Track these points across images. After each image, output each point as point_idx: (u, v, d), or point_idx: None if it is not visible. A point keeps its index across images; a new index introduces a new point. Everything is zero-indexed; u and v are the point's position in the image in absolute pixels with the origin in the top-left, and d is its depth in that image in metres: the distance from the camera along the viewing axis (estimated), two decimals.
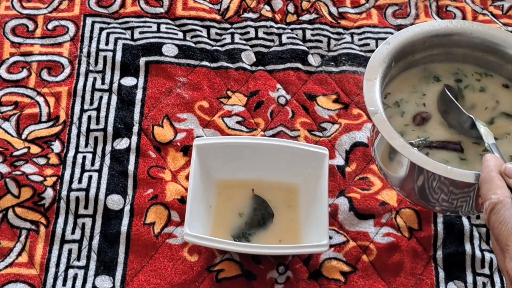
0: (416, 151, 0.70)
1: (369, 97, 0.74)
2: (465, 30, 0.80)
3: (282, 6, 1.02)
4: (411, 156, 0.70)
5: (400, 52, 0.78)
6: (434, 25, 0.80)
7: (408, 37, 0.79)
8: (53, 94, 0.94)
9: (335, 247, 0.83)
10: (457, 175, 0.69)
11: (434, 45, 0.80)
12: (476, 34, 0.79)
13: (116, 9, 1.01)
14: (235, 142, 0.85)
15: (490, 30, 0.79)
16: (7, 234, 0.83)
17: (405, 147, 0.70)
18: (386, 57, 0.77)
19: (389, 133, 0.71)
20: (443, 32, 0.80)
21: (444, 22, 0.81)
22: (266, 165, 0.85)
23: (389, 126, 0.72)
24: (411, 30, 0.79)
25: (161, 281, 0.81)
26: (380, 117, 0.72)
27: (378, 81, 0.75)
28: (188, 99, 0.93)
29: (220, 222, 0.82)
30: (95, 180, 0.87)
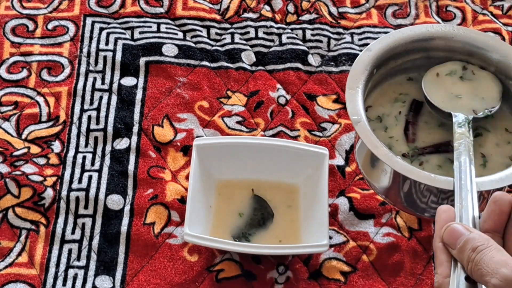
0: (399, 159, 0.70)
1: (352, 106, 0.74)
2: (446, 34, 0.79)
3: (282, 6, 1.02)
4: (395, 166, 0.70)
5: (382, 59, 0.78)
6: (415, 30, 0.80)
7: (389, 43, 0.78)
8: (53, 94, 0.94)
9: (335, 247, 0.83)
10: (440, 183, 0.68)
11: (415, 50, 0.79)
12: (458, 38, 0.79)
13: (116, 9, 1.01)
14: (235, 142, 0.85)
15: (472, 34, 0.79)
16: (7, 234, 0.83)
17: (388, 156, 0.70)
18: (367, 64, 0.76)
19: (372, 142, 0.71)
20: (424, 36, 0.79)
21: (425, 27, 0.80)
22: (266, 165, 0.85)
23: (372, 135, 0.71)
24: (392, 36, 0.79)
25: (161, 281, 0.81)
26: (363, 126, 0.72)
27: (360, 90, 0.75)
28: (188, 99, 0.93)
29: (220, 222, 0.82)
30: (95, 180, 0.87)
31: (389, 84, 0.81)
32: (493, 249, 0.55)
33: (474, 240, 0.56)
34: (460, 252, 0.57)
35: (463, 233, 0.57)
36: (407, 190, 0.74)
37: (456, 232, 0.58)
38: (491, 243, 0.56)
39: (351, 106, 0.74)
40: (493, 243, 0.56)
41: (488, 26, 1.01)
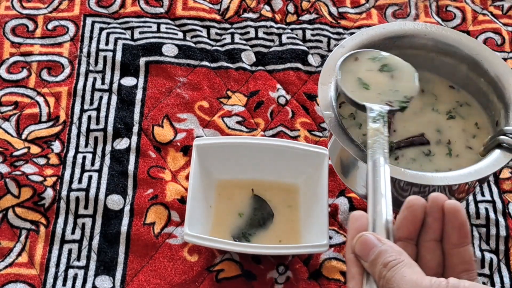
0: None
1: (324, 101, 0.73)
2: (418, 31, 0.80)
3: (282, 6, 1.02)
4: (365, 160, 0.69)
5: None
6: (388, 27, 0.80)
7: (363, 39, 0.78)
8: (53, 94, 0.94)
9: (335, 247, 0.83)
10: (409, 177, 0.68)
11: (388, 47, 0.79)
12: (430, 35, 0.79)
13: (116, 9, 1.01)
14: (235, 142, 0.85)
15: (443, 32, 0.80)
16: (7, 234, 0.83)
17: (358, 151, 0.70)
18: (340, 61, 0.76)
19: (344, 140, 0.71)
20: (397, 34, 0.80)
21: (397, 24, 0.81)
22: (266, 165, 0.85)
23: (344, 129, 0.71)
24: (365, 32, 0.79)
25: (161, 281, 0.81)
26: (334, 121, 0.72)
27: (332, 85, 0.75)
28: (188, 99, 0.93)
29: (220, 222, 0.82)
30: (95, 180, 0.87)
31: None
32: (404, 265, 0.52)
33: (386, 254, 0.53)
34: (372, 265, 0.54)
35: (375, 245, 0.54)
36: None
37: (368, 243, 0.54)
38: (403, 258, 0.53)
39: (323, 101, 0.73)
40: (405, 258, 0.53)
41: (488, 26, 1.01)
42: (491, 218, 0.85)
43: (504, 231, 0.84)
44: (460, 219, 0.56)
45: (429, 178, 0.69)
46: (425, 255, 0.57)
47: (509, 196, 0.87)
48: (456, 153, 0.76)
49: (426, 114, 0.79)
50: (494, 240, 0.84)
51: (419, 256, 0.57)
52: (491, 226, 0.85)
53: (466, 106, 0.79)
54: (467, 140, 0.77)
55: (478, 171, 0.70)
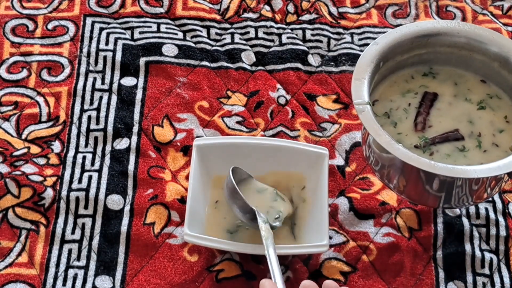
0: (401, 147, 0.72)
1: (357, 96, 0.75)
2: (451, 30, 0.81)
3: (282, 6, 1.02)
4: (396, 152, 0.71)
5: (389, 53, 0.79)
6: (421, 25, 0.81)
7: (396, 37, 0.80)
8: (53, 94, 0.94)
9: (335, 247, 0.83)
10: (438, 170, 0.70)
11: (421, 45, 0.81)
12: (462, 33, 0.81)
13: (116, 9, 1.01)
14: (235, 142, 0.85)
15: (476, 30, 0.81)
16: (7, 234, 0.83)
17: (390, 143, 0.72)
18: (374, 57, 0.78)
19: (375, 130, 0.73)
20: (430, 32, 0.81)
21: (431, 23, 0.82)
22: (266, 165, 0.85)
23: (376, 123, 0.73)
24: (399, 30, 0.81)
25: (161, 281, 0.81)
26: (367, 115, 0.73)
27: (366, 81, 0.76)
28: (188, 99, 0.93)
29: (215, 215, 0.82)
30: (95, 180, 0.87)
31: (397, 77, 0.82)
32: None
33: None
34: None
35: None
36: (413, 178, 0.75)
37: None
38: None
39: (357, 95, 0.75)
40: None
41: (488, 26, 1.01)
42: (491, 218, 0.85)
43: (504, 231, 0.84)
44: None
45: (459, 171, 0.70)
46: None
47: (509, 196, 0.87)
48: (484, 149, 0.77)
49: (459, 105, 0.80)
50: (494, 240, 0.84)
51: None
52: (491, 226, 0.85)
53: (496, 99, 0.80)
54: (494, 135, 0.78)
55: (507, 164, 0.71)
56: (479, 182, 0.74)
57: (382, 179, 0.79)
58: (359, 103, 0.74)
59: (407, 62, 0.82)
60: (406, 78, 0.82)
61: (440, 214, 0.85)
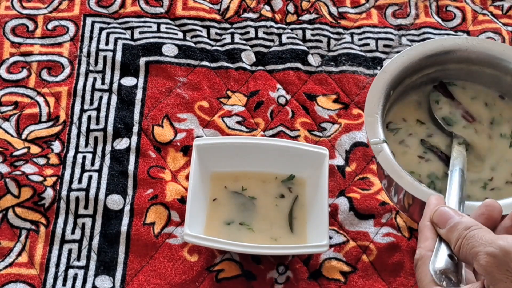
0: (424, 188, 0.70)
1: (372, 134, 0.73)
2: (460, 46, 0.79)
3: (282, 6, 1.02)
4: (418, 194, 0.70)
5: (398, 79, 0.78)
6: (428, 45, 0.80)
7: (404, 61, 0.78)
8: (53, 94, 0.94)
9: (335, 247, 0.83)
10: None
11: (430, 65, 0.80)
12: (472, 49, 0.79)
13: (116, 9, 1.01)
14: (235, 142, 0.85)
15: (485, 44, 0.79)
16: (7, 234, 0.83)
17: (413, 185, 0.71)
18: (384, 87, 0.77)
19: (397, 172, 0.71)
20: (438, 51, 0.79)
21: (438, 41, 0.80)
22: (266, 165, 0.85)
23: (395, 164, 0.72)
24: (406, 54, 0.79)
25: (161, 281, 0.81)
26: (385, 156, 0.72)
27: (379, 116, 0.75)
28: (188, 99, 0.93)
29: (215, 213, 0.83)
30: (95, 180, 0.87)
31: (409, 98, 0.81)
32: (485, 230, 0.58)
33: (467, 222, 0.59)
34: (449, 231, 0.60)
35: (453, 216, 0.60)
36: None
37: (446, 214, 0.61)
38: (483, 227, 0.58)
39: (371, 134, 0.74)
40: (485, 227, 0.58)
41: (488, 26, 1.01)
42: None
43: None
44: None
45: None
46: None
47: None
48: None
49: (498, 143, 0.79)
50: None
51: None
52: None
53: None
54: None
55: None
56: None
57: (390, 198, 0.79)
58: (375, 143, 0.73)
59: (415, 83, 0.81)
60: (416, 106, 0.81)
61: None
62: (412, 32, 1.00)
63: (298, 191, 0.84)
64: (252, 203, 0.84)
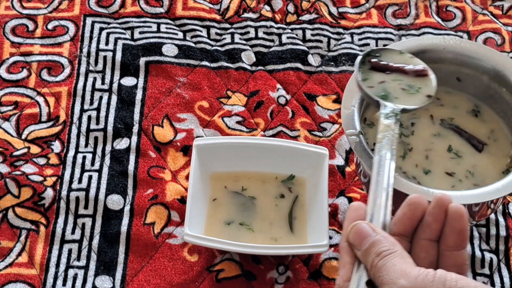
0: (397, 176, 0.70)
1: (348, 126, 0.74)
2: (437, 46, 0.80)
3: (282, 6, 1.02)
4: (399, 187, 0.69)
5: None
6: (407, 44, 0.80)
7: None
8: (53, 94, 0.94)
9: (335, 247, 0.83)
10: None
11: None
12: (449, 48, 0.80)
13: (116, 9, 1.01)
14: (235, 142, 0.85)
15: (462, 44, 0.80)
16: (7, 234, 0.84)
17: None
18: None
19: (369, 164, 0.71)
20: (416, 49, 0.80)
21: (415, 40, 0.81)
22: (266, 165, 0.85)
23: (369, 154, 0.72)
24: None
25: (161, 281, 0.81)
26: (359, 146, 0.72)
27: (356, 109, 0.75)
28: (188, 99, 0.94)
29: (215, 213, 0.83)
30: (95, 180, 0.87)
31: None
32: (397, 255, 0.53)
33: (380, 244, 0.54)
34: (364, 254, 0.55)
35: (369, 234, 0.55)
36: None
37: (362, 233, 0.55)
38: (396, 249, 0.54)
39: (347, 125, 0.74)
40: (398, 249, 0.54)
41: (488, 26, 1.01)
42: (491, 218, 0.85)
43: (504, 231, 0.84)
44: (462, 223, 0.57)
45: (459, 197, 0.69)
46: (419, 253, 0.58)
47: (509, 196, 0.87)
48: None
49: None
50: (494, 240, 0.84)
51: (413, 253, 0.57)
52: (491, 226, 0.85)
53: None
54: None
55: (506, 186, 0.70)
56: (480, 204, 0.72)
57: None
58: (351, 133, 0.73)
59: None
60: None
61: None
62: (412, 32, 1.00)
63: (298, 191, 0.85)
64: (252, 203, 0.84)
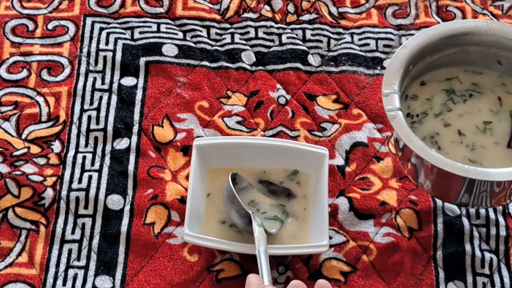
0: (433, 152, 0.72)
1: (388, 102, 0.76)
2: (480, 29, 0.82)
3: (282, 6, 1.02)
4: (429, 158, 0.72)
5: (418, 55, 0.80)
6: (450, 26, 0.82)
7: (424, 39, 0.81)
8: (53, 94, 0.94)
9: (335, 247, 0.83)
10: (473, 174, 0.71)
11: (450, 45, 0.82)
12: (491, 32, 0.81)
13: (116, 9, 1.01)
14: (235, 142, 0.85)
15: (504, 27, 0.81)
16: (7, 234, 0.83)
17: (423, 149, 0.72)
18: (403, 61, 0.79)
19: (408, 136, 0.73)
20: (458, 32, 0.82)
21: (458, 22, 0.83)
22: (265, 165, 0.85)
23: (408, 129, 0.74)
24: (427, 32, 0.81)
25: (161, 281, 0.81)
26: (399, 121, 0.74)
27: (396, 87, 0.77)
28: (188, 99, 0.93)
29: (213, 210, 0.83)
30: (95, 180, 0.87)
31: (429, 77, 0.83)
32: None
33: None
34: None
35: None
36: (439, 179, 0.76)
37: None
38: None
39: (387, 102, 0.76)
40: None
41: None
42: (491, 218, 0.85)
43: (504, 231, 0.84)
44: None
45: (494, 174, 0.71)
46: None
47: None
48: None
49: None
50: (494, 240, 0.84)
51: None
52: (491, 226, 0.85)
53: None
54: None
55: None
56: (502, 184, 0.74)
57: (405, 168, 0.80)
58: (391, 109, 0.75)
59: (436, 63, 0.82)
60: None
61: (440, 214, 0.85)
62: (412, 32, 1.00)
63: (298, 191, 0.84)
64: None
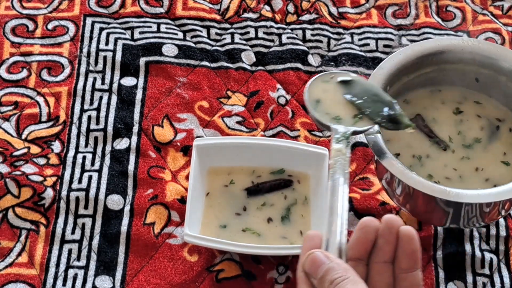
0: (414, 175, 0.71)
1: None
2: (455, 46, 0.81)
3: (282, 6, 1.02)
4: (409, 182, 0.71)
5: (394, 76, 0.79)
6: (425, 45, 0.81)
7: (400, 59, 0.80)
8: (53, 94, 0.94)
9: None
10: (454, 197, 0.69)
11: (426, 64, 0.81)
12: (467, 49, 0.80)
13: (116, 9, 1.01)
14: (235, 142, 0.85)
15: (480, 45, 0.80)
16: (7, 234, 0.84)
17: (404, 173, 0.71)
18: (380, 82, 0.77)
19: (389, 160, 0.72)
20: (434, 51, 0.80)
21: (434, 41, 0.82)
22: (265, 165, 0.85)
23: (387, 152, 0.72)
24: (403, 52, 0.80)
25: (161, 281, 0.81)
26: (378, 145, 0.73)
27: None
28: (188, 99, 0.94)
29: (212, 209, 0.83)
30: (95, 180, 0.87)
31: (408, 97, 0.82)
32: (349, 282, 0.54)
33: (333, 271, 0.54)
34: (320, 283, 0.55)
35: (324, 262, 0.55)
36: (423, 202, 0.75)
37: (317, 261, 0.55)
38: (349, 275, 0.54)
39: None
40: (351, 275, 0.54)
41: (488, 26, 1.01)
42: None
43: (504, 231, 0.84)
44: (413, 246, 0.58)
45: (474, 197, 0.70)
46: (375, 276, 0.59)
47: None
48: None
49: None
50: (494, 240, 0.84)
51: (369, 277, 0.58)
52: (491, 226, 0.85)
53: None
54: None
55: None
56: (491, 205, 0.73)
57: (387, 191, 0.79)
58: (370, 133, 0.74)
59: (413, 82, 0.81)
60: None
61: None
62: (412, 32, 1.00)
63: (298, 191, 0.85)
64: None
